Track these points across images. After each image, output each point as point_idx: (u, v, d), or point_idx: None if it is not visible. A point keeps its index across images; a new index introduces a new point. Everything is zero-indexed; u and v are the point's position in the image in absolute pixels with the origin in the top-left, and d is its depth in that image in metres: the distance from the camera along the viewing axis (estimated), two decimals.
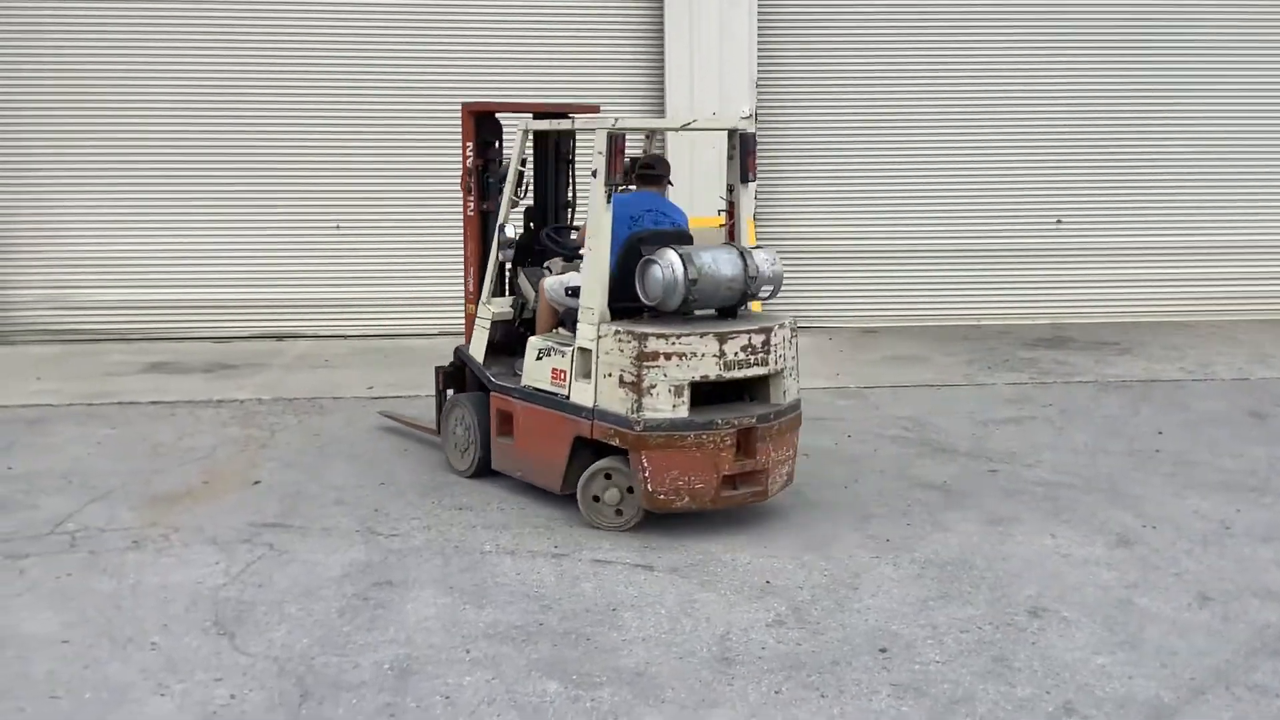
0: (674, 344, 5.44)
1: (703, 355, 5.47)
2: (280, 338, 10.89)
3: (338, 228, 11.02)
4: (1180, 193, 11.63)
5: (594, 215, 5.70)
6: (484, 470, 6.39)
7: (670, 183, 6.50)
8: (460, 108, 6.83)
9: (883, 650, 4.42)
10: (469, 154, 6.70)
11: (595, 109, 6.68)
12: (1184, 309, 11.66)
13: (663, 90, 10.90)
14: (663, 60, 10.88)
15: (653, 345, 5.42)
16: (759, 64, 10.95)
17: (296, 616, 4.72)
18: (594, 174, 5.64)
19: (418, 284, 10.70)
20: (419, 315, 10.69)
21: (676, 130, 6.37)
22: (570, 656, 4.37)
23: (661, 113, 10.89)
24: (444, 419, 6.75)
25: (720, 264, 5.59)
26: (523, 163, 6.42)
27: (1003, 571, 5.19)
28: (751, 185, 6.11)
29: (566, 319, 6.07)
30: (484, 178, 6.72)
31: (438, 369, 6.99)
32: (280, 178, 10.95)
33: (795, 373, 5.89)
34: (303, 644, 4.47)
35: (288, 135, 10.90)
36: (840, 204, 11.42)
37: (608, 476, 5.69)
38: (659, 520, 5.79)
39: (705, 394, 5.61)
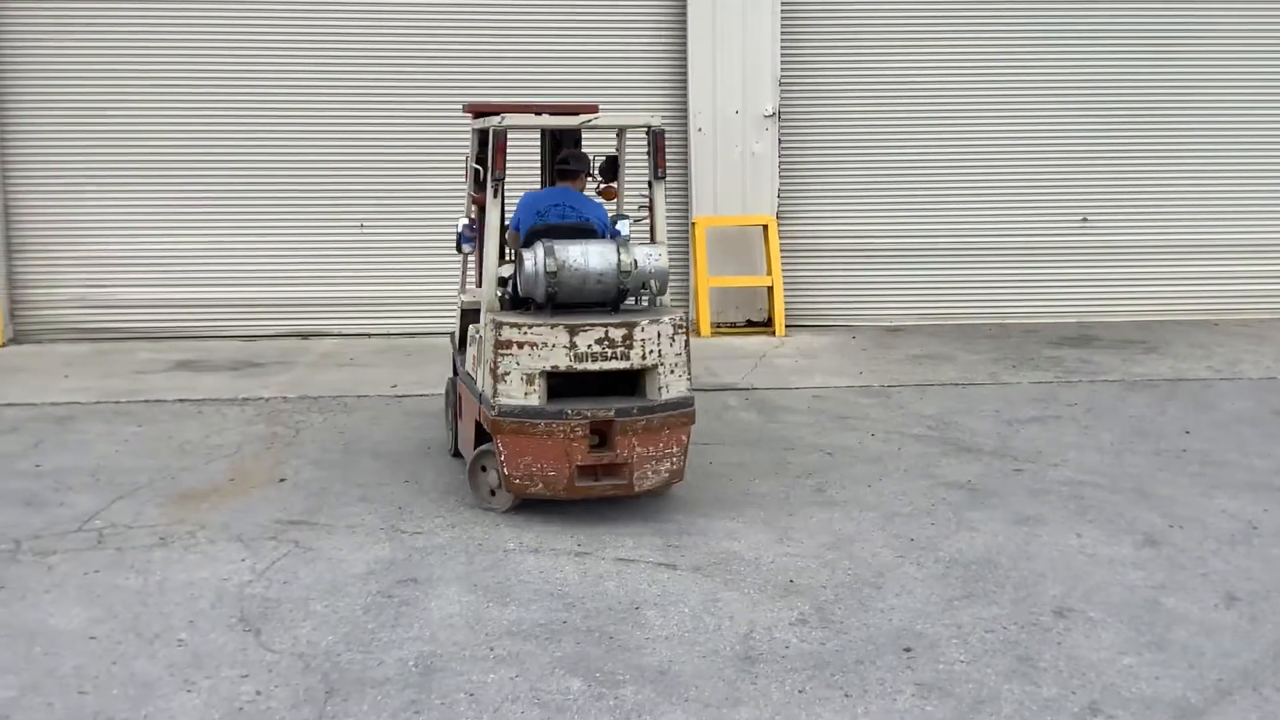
0: (525, 334, 5.60)
1: (553, 346, 5.60)
2: (305, 336, 10.95)
3: (362, 227, 11.08)
4: (1206, 190, 11.55)
5: (487, 210, 5.91)
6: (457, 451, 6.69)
7: (593, 175, 6.54)
8: (461, 107, 6.95)
9: (907, 650, 4.41)
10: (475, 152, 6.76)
11: (594, 109, 6.73)
12: (1211, 307, 11.57)
13: (685, 90, 10.90)
14: (685, 60, 10.88)
15: (506, 334, 5.61)
16: (782, 63, 10.93)
17: (322, 613, 4.74)
18: (476, 169, 5.87)
19: (441, 283, 10.72)
20: (443, 314, 10.70)
21: (575, 126, 6.51)
22: (593, 655, 4.37)
23: (684, 113, 10.89)
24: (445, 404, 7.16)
25: (589, 258, 5.68)
26: (478, 160, 6.44)
27: (1028, 571, 5.16)
28: (663, 182, 6.16)
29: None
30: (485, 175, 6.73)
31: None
32: (306, 178, 11.01)
33: (680, 369, 5.80)
34: (328, 641, 4.49)
35: (314, 136, 10.96)
36: (864, 203, 11.39)
37: (489, 459, 5.88)
38: (681, 519, 5.80)
39: (587, 385, 5.75)
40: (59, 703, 4.04)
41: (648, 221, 6.28)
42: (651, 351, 5.70)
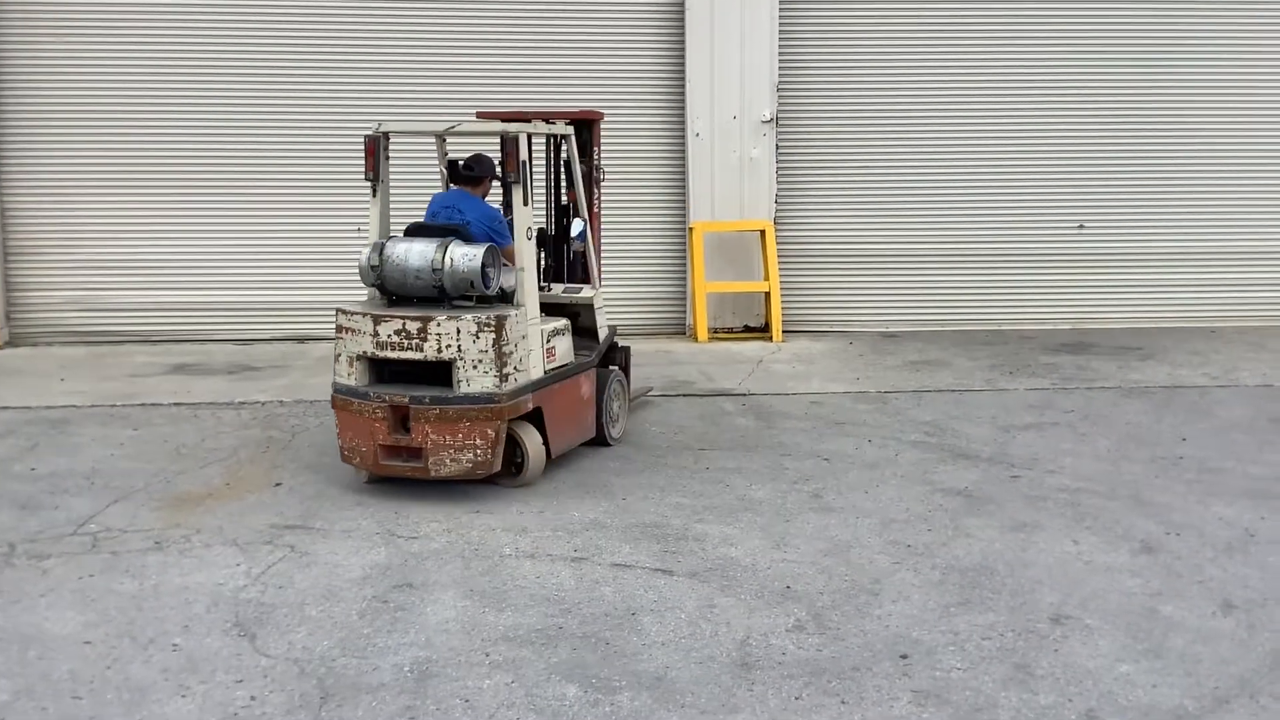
0: (349, 320, 6.31)
1: (362, 333, 6.24)
2: (302, 340, 10.93)
3: (359, 231, 11.05)
4: (1202, 197, 11.56)
5: (371, 209, 6.69)
6: None
7: (499, 178, 6.66)
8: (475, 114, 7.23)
9: (904, 657, 4.40)
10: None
11: (599, 115, 7.15)
12: (1207, 314, 11.58)
13: (683, 96, 10.90)
14: (684, 66, 10.88)
15: (340, 320, 6.38)
16: (781, 69, 10.94)
17: (317, 618, 4.73)
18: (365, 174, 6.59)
19: None
20: None
21: (440, 135, 7.09)
22: (590, 660, 4.36)
23: (682, 118, 10.90)
24: None
25: (410, 256, 6.18)
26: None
27: (1025, 578, 5.16)
28: (517, 186, 6.40)
29: None
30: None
31: None
32: (303, 181, 11.00)
33: (485, 365, 6.05)
34: (323, 646, 4.48)
35: (311, 139, 10.95)
36: (862, 209, 11.40)
37: None
38: (677, 524, 5.80)
39: (418, 375, 6.19)
40: (53, 708, 4.02)
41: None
42: (448, 346, 6.06)
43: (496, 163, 6.66)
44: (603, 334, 7.24)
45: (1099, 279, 11.57)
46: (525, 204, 6.41)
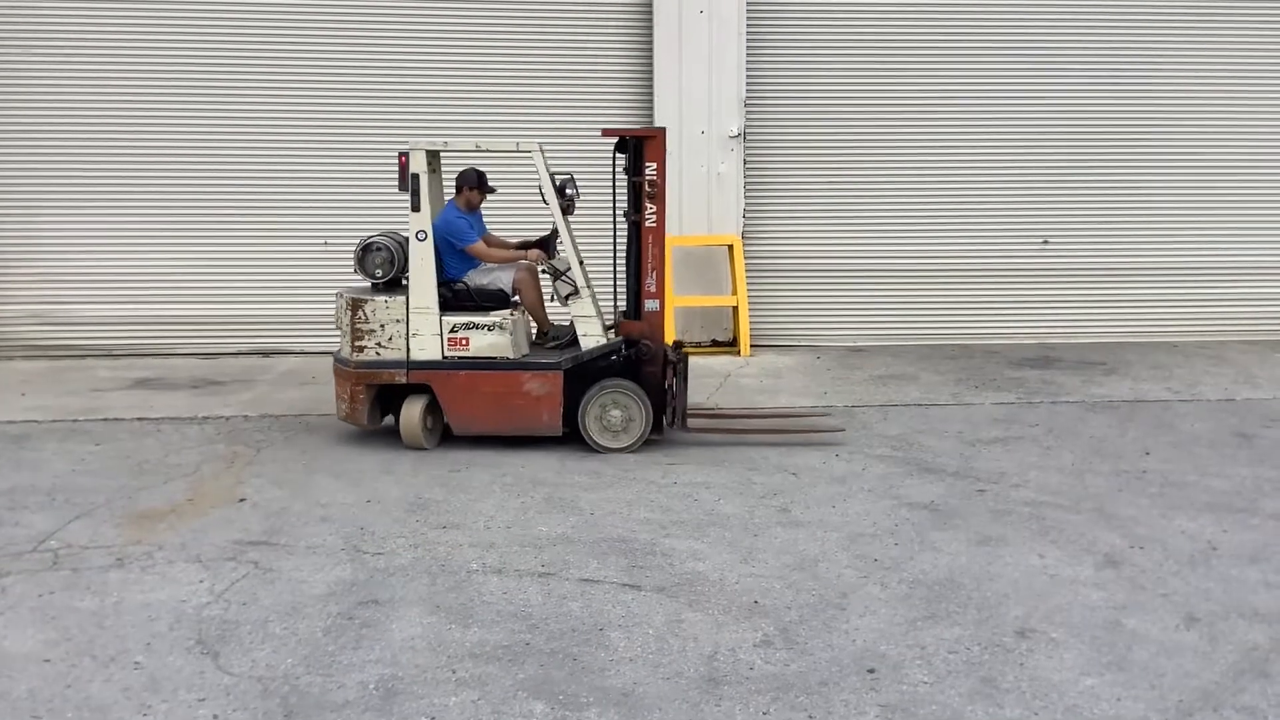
0: None
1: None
2: (267, 354, 10.86)
3: (326, 244, 11.01)
4: (1166, 214, 11.69)
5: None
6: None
7: (476, 187, 7.70)
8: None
9: (871, 671, 4.40)
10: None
11: (661, 131, 7.60)
12: (1170, 329, 11.71)
13: (651, 111, 10.93)
14: (651, 82, 10.91)
15: None
16: (748, 84, 10.99)
17: (281, 636, 4.68)
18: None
19: None
20: None
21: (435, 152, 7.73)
22: (557, 677, 4.34)
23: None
24: None
25: None
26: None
27: (990, 592, 5.18)
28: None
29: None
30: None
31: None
32: (269, 194, 10.94)
33: (347, 337, 7.50)
34: (287, 664, 4.44)
35: (276, 151, 10.89)
36: (828, 223, 11.45)
37: None
38: (645, 539, 5.79)
39: None
40: None
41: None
42: (337, 319, 7.73)
43: (477, 175, 7.67)
44: (586, 343, 7.45)
45: (1063, 294, 11.67)
46: (415, 210, 7.40)
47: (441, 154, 7.70)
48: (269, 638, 4.66)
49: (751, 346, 10.96)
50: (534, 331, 7.95)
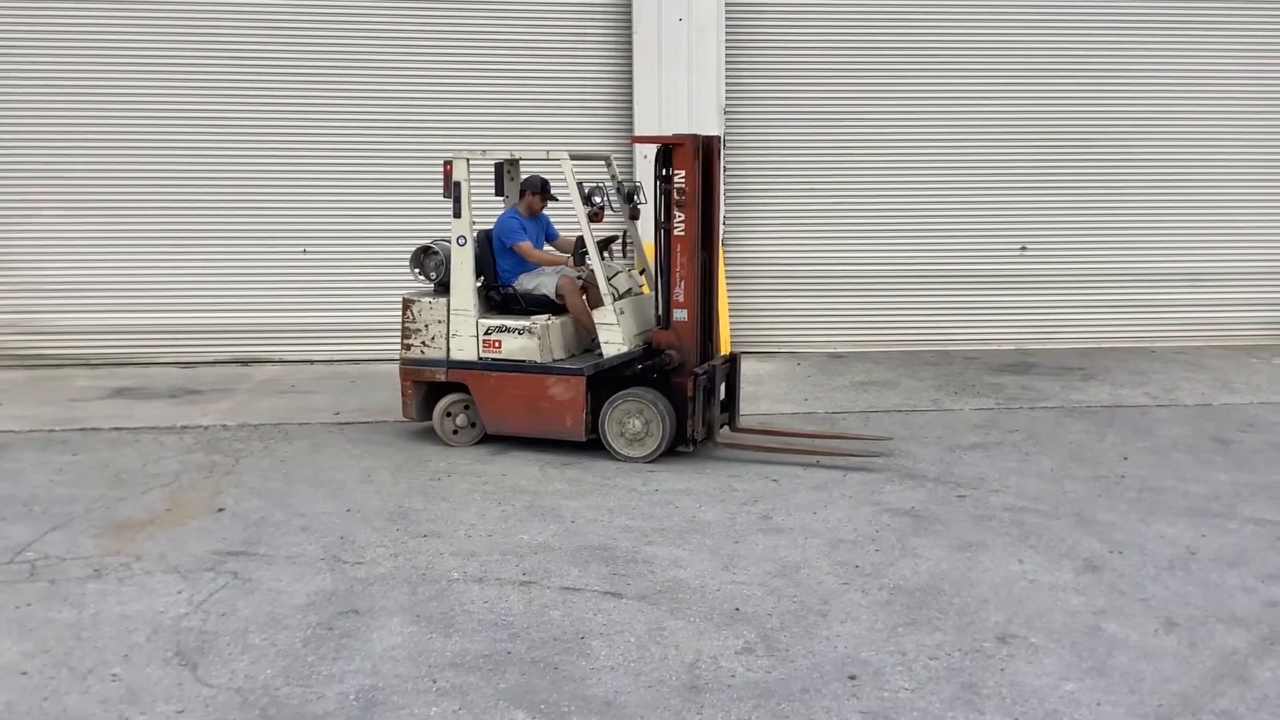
0: None
1: None
2: (246, 363, 10.82)
3: (304, 252, 10.99)
4: (1143, 220, 11.77)
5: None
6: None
7: (537, 192, 7.98)
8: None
9: (852, 678, 4.41)
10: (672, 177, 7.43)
11: (690, 138, 7.40)
12: (1147, 334, 11.78)
13: (631, 118, 10.94)
14: (631, 89, 10.92)
15: None
16: (727, 92, 11.01)
17: (260, 646, 4.66)
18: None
19: (385, 309, 10.62)
20: (386, 340, 10.63)
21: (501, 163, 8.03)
22: (538, 686, 4.33)
23: (629, 145, 10.93)
24: None
25: None
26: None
27: (971, 597, 5.19)
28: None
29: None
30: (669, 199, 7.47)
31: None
32: (247, 202, 10.90)
33: (401, 335, 7.87)
34: (266, 675, 4.41)
35: (255, 160, 10.86)
36: (808, 230, 11.48)
37: None
38: (626, 546, 5.78)
39: None
40: None
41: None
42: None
43: (541, 182, 7.98)
44: (608, 350, 7.47)
45: (1041, 300, 11.73)
46: (456, 216, 7.56)
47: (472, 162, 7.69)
48: (248, 648, 4.64)
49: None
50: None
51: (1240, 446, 7.80)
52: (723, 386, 7.72)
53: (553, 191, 8.06)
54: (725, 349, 10.89)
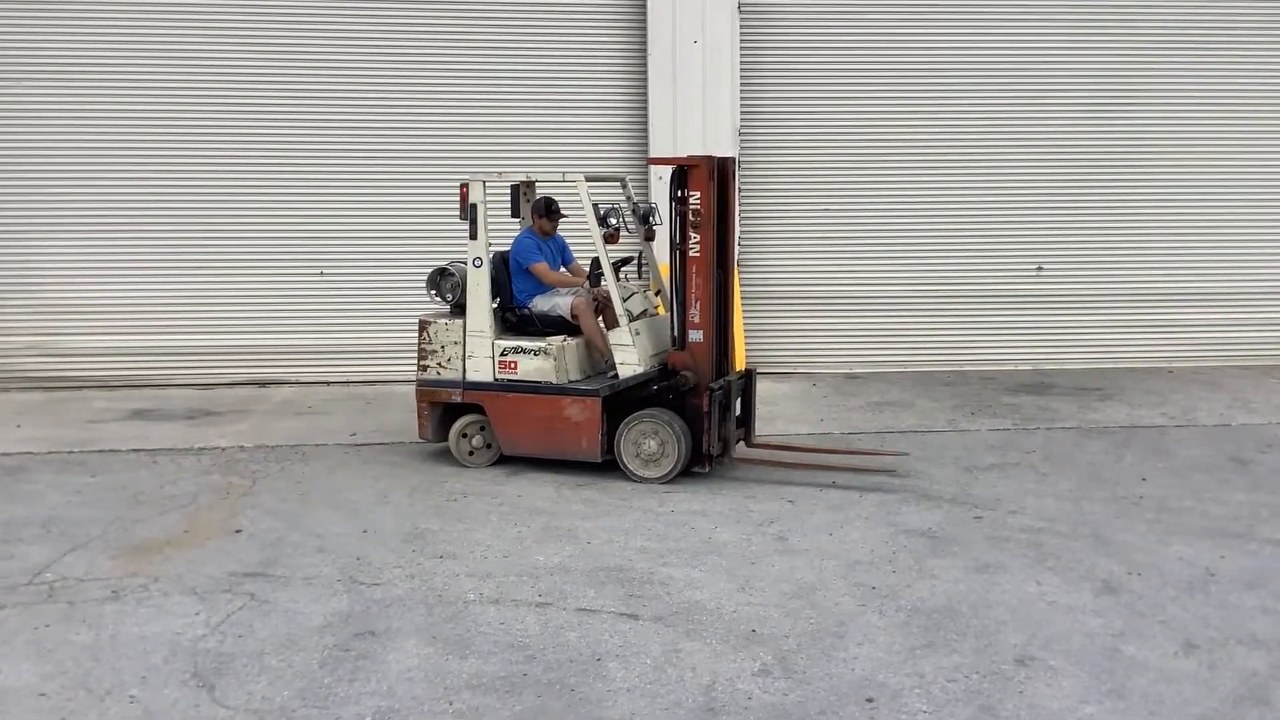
0: None
1: None
2: (264, 384, 10.86)
3: (321, 274, 11.04)
4: (1160, 239, 11.74)
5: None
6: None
7: (546, 213, 8.02)
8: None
9: (869, 700, 4.39)
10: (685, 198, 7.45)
11: (705, 160, 7.41)
12: (1165, 354, 11.73)
13: (647, 140, 10.97)
14: (646, 111, 10.96)
15: None
16: (742, 113, 11.04)
17: (277, 668, 4.66)
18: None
19: (401, 330, 10.67)
20: (403, 361, 10.66)
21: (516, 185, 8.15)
22: (554, 708, 4.32)
23: (645, 164, 10.97)
24: None
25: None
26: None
27: (989, 619, 5.17)
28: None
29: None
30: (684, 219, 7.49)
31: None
32: (265, 224, 10.97)
33: (417, 354, 7.92)
34: (283, 696, 4.42)
35: (272, 182, 10.93)
36: (824, 251, 11.49)
37: None
38: (642, 567, 5.78)
39: None
40: None
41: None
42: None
43: (545, 202, 7.98)
44: (623, 371, 7.48)
45: (1058, 320, 11.70)
46: (472, 238, 7.59)
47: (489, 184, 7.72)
48: (265, 670, 4.64)
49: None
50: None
51: (1259, 467, 7.76)
52: (738, 403, 7.72)
53: (562, 210, 8.07)
54: (740, 366, 10.92)
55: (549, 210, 8.00)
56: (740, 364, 10.85)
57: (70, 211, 10.81)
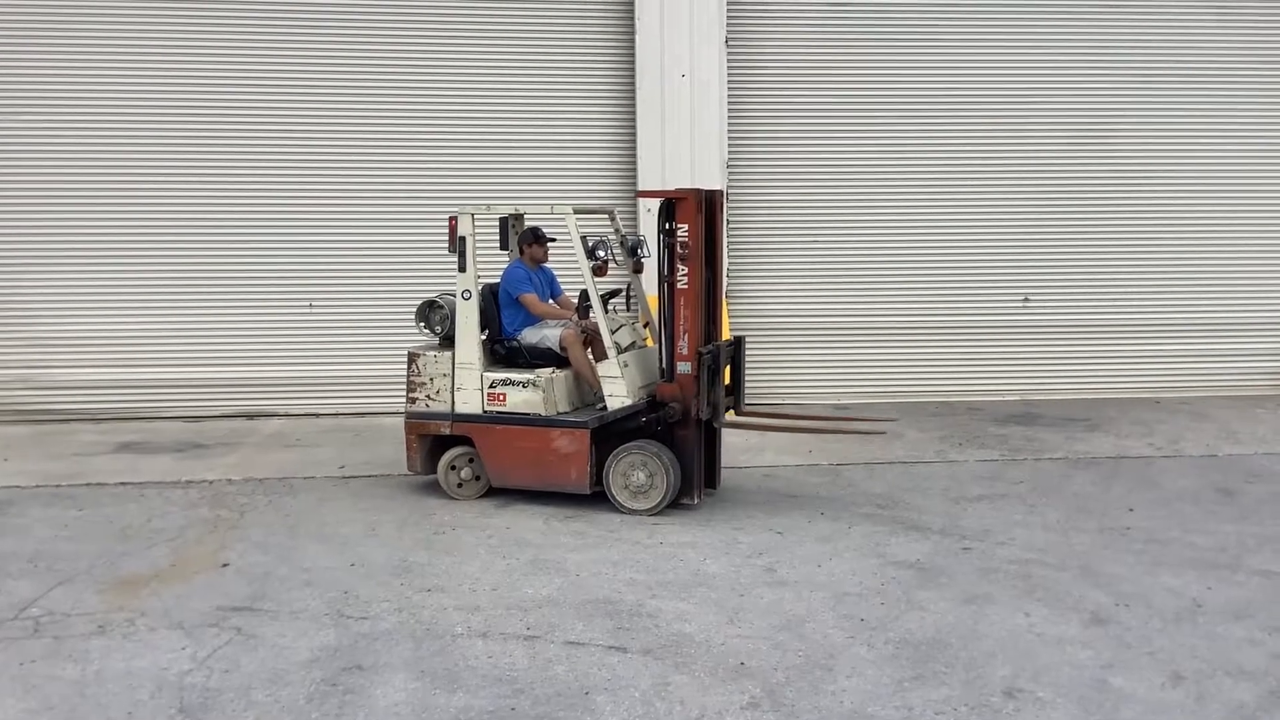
0: None
1: None
2: (252, 417, 10.84)
3: (310, 307, 11.05)
4: (1145, 270, 11.82)
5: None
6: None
7: (533, 242, 8.07)
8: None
9: None
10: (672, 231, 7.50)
11: (693, 193, 7.44)
12: (1151, 385, 11.79)
13: (635, 173, 11.03)
14: (635, 144, 11.02)
15: None
16: (730, 146, 11.12)
17: (264, 703, 4.64)
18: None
19: (390, 363, 10.68)
20: (392, 393, 10.67)
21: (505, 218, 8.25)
22: None
23: (633, 199, 11.02)
24: None
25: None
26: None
27: (977, 651, 5.17)
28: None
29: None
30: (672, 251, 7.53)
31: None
32: (254, 257, 10.98)
33: (406, 387, 7.91)
34: None
35: (262, 215, 10.95)
36: (812, 282, 11.54)
37: None
38: (631, 600, 5.77)
39: None
40: None
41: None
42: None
43: (533, 231, 8.04)
44: (612, 404, 7.48)
45: (1045, 351, 11.76)
46: (461, 270, 7.62)
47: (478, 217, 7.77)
48: (252, 705, 4.62)
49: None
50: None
51: (1246, 497, 7.79)
52: (727, 370, 7.74)
53: (552, 235, 8.12)
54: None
55: (537, 237, 8.04)
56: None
57: (58, 245, 10.81)
